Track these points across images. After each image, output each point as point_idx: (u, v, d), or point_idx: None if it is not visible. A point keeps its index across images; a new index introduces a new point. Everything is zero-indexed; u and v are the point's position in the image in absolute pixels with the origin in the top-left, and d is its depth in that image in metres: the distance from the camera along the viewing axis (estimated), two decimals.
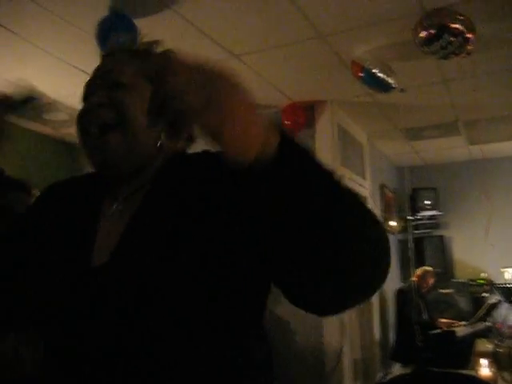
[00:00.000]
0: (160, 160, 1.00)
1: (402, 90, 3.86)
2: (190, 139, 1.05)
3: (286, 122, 4.16)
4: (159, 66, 0.69)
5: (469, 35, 2.79)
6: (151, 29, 2.89)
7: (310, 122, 4.36)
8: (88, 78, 1.05)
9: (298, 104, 4.25)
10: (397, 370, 5.28)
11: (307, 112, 4.32)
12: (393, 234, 6.06)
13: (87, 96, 1.01)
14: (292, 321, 3.96)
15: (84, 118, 0.98)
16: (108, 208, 0.98)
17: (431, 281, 5.62)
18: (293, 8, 2.83)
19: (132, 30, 2.68)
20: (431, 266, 5.80)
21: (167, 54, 0.99)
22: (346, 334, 4.18)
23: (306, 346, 4.03)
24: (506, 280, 5.85)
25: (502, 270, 5.93)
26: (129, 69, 1.01)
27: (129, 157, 0.96)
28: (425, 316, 5.45)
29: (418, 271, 5.64)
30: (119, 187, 0.99)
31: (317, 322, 3.96)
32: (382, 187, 6.03)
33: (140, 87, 0.98)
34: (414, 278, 5.54)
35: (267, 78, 3.80)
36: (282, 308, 3.83)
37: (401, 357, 5.28)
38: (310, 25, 3.03)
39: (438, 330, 5.20)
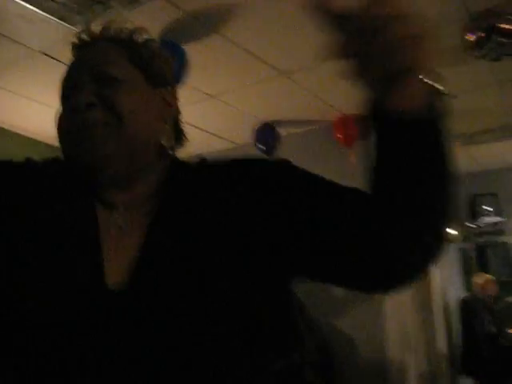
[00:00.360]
0: (161, 166, 0.90)
1: (452, 96, 3.79)
2: (181, 141, 0.97)
3: (338, 136, 4.15)
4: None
5: None
6: (200, 53, 3.02)
7: (364, 134, 4.31)
8: (66, 71, 0.90)
9: (350, 117, 4.24)
10: None
11: (360, 124, 4.28)
12: (453, 242, 5.89)
13: (69, 94, 0.86)
14: (354, 335, 3.91)
15: (69, 121, 0.85)
16: (104, 217, 0.85)
17: (494, 289, 5.42)
18: None
19: (181, 56, 2.77)
20: (496, 274, 5.61)
21: (153, 41, 0.96)
22: (411, 347, 4.09)
23: (369, 361, 3.96)
24: None
25: None
26: (117, 59, 0.88)
27: (125, 159, 0.83)
28: (492, 327, 5.25)
29: (478, 280, 5.45)
30: (114, 194, 0.86)
31: (379, 336, 3.90)
32: None
33: (133, 79, 0.87)
34: (476, 288, 5.37)
35: (316, 93, 3.81)
36: (344, 322, 3.79)
37: (469, 370, 5.10)
38: None
39: (507, 342, 5.00)
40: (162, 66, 0.94)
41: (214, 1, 2.70)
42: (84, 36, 0.92)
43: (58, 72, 0.92)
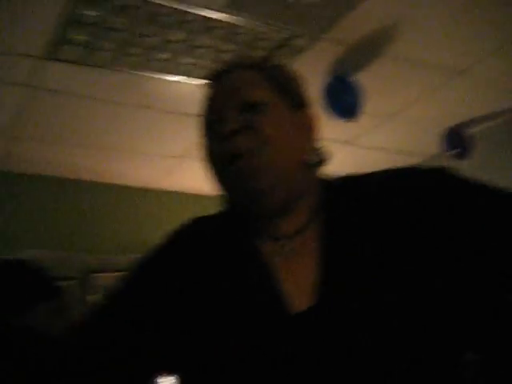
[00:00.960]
0: (313, 188, 0.88)
1: None
2: (325, 161, 0.92)
3: None
4: None
5: None
6: (371, 78, 3.09)
7: None
8: (206, 100, 0.92)
9: None
10: None
11: None
12: None
13: (213, 122, 0.89)
14: None
15: (215, 150, 0.87)
16: (270, 249, 0.85)
17: None
18: None
19: (354, 88, 2.87)
20: None
21: (285, 65, 0.94)
22: None
23: None
24: None
25: None
26: (256, 84, 0.88)
27: (277, 187, 0.82)
28: None
29: None
30: (275, 224, 0.86)
31: None
32: None
33: (274, 103, 0.86)
34: None
35: (497, 84, 3.60)
36: None
37: None
38: None
39: None
40: (299, 87, 0.93)
41: (374, 25, 2.77)
42: (220, 67, 0.94)
43: None
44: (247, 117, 0.83)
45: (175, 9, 2.50)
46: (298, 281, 0.79)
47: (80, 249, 3.95)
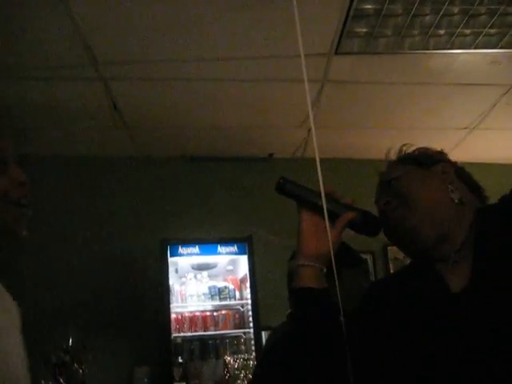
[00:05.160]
0: (467, 219, 1.11)
1: None
2: (479, 192, 1.21)
3: None
4: None
5: None
6: None
7: None
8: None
9: None
10: None
11: None
12: None
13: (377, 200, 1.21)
14: None
15: (380, 221, 1.16)
16: (441, 265, 1.11)
17: None
18: None
19: None
20: None
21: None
22: None
23: None
24: None
25: None
26: (397, 166, 1.21)
27: (429, 230, 1.09)
28: None
29: None
30: (438, 251, 1.11)
31: None
32: None
33: (410, 172, 1.17)
34: None
35: None
36: None
37: None
38: None
39: None
40: (425, 154, 1.23)
41: None
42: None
43: None
44: (392, 189, 1.17)
45: None
46: (458, 279, 1.07)
47: None
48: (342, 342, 1.06)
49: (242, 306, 4.43)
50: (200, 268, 4.47)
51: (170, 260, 4.23)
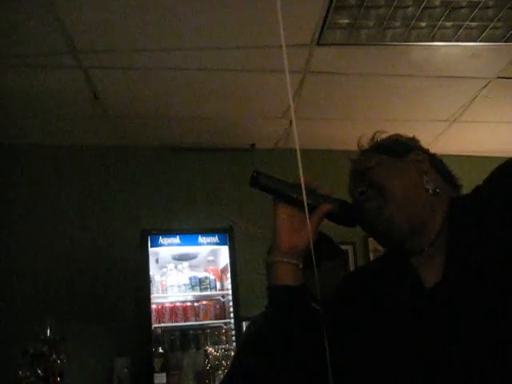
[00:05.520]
0: (441, 209, 1.10)
1: None
2: (452, 181, 1.20)
3: None
4: None
5: None
6: None
7: None
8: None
9: None
10: None
11: None
12: None
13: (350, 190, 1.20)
14: None
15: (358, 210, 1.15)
16: (416, 260, 1.09)
17: None
18: None
19: None
20: None
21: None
22: None
23: None
24: None
25: None
26: (371, 155, 1.18)
27: (403, 221, 1.07)
28: None
29: None
30: (411, 244, 1.10)
31: None
32: None
33: (384, 162, 1.15)
34: None
35: None
36: None
37: None
38: None
39: None
40: (396, 142, 1.22)
41: None
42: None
43: None
44: (365, 177, 1.15)
45: None
46: (432, 272, 1.06)
47: None
48: (317, 335, 1.04)
49: (223, 297, 4.42)
50: (181, 258, 4.45)
51: (151, 250, 4.20)
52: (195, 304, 4.32)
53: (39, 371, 3.12)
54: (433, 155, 1.22)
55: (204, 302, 4.35)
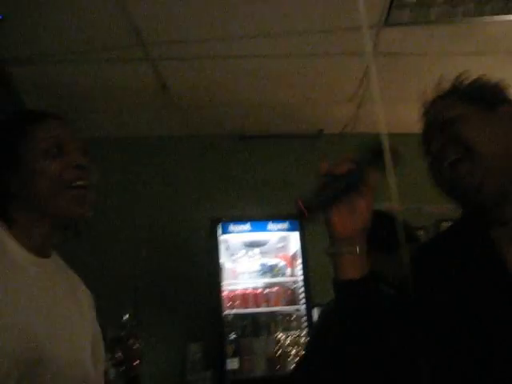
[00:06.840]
0: None
1: None
2: None
3: None
4: None
5: None
6: None
7: None
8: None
9: None
10: None
11: None
12: None
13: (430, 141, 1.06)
14: None
15: (435, 163, 1.03)
16: (498, 233, 0.98)
17: None
18: None
19: None
20: None
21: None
22: None
23: None
24: None
25: None
26: (454, 103, 1.04)
27: (498, 189, 0.95)
28: None
29: None
30: (498, 213, 0.98)
31: None
32: None
33: (472, 113, 1.00)
34: None
35: None
36: None
37: None
38: None
39: None
40: (490, 92, 1.06)
41: None
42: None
43: None
44: (450, 130, 1.01)
45: None
46: None
47: (428, 201, 4.10)
48: (391, 321, 0.99)
49: (294, 283, 4.43)
50: (251, 245, 4.49)
51: (221, 237, 4.27)
52: (266, 290, 4.36)
53: (119, 354, 3.25)
54: None
55: (275, 289, 4.37)
